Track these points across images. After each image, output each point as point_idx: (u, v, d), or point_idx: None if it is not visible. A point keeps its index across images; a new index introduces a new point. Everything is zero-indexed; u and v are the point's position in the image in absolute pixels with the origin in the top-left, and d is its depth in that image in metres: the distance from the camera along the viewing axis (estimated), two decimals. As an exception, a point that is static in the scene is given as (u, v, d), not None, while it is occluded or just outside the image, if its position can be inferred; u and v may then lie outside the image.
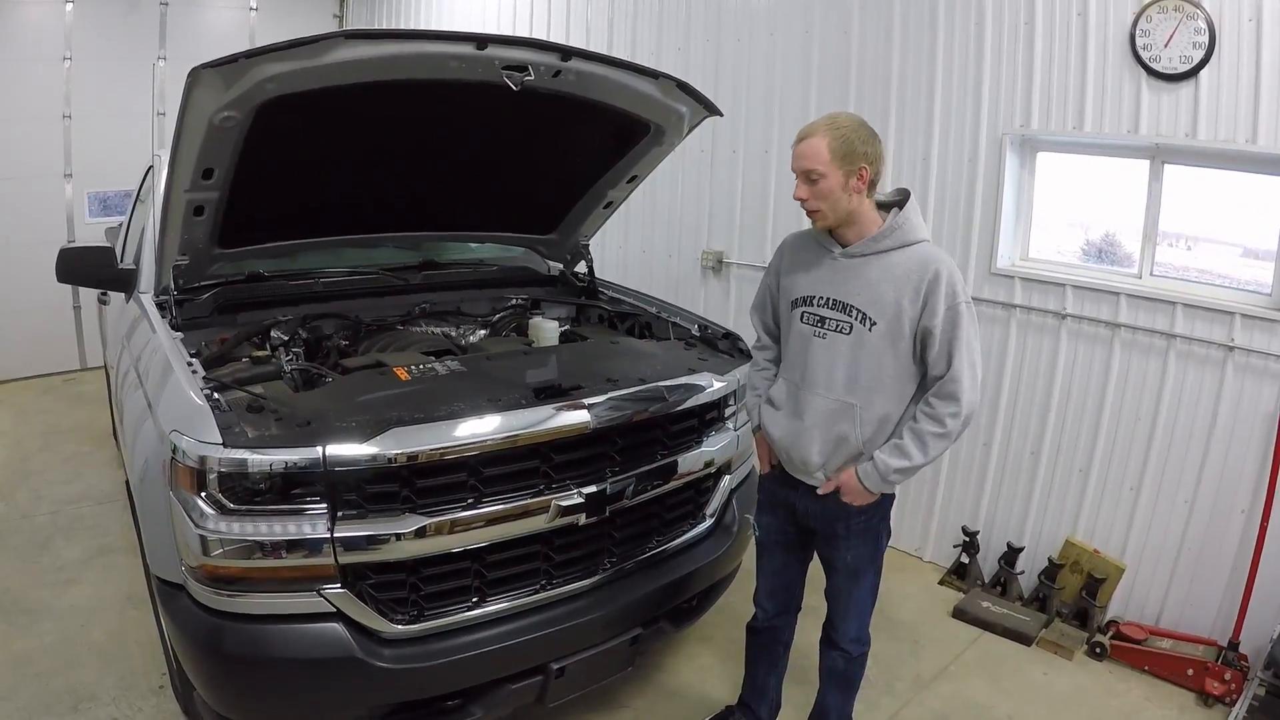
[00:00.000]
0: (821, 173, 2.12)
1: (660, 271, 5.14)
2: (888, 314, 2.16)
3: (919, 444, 2.17)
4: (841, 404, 2.23)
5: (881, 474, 2.20)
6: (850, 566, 2.38)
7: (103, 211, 6.32)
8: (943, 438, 2.16)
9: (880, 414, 2.22)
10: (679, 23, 4.87)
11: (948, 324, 2.13)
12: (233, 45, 2.48)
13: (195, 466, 2.00)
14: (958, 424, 2.14)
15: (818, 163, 2.12)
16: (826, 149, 2.12)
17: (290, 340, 2.89)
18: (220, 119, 2.38)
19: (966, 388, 2.13)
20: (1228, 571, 3.23)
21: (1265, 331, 3.07)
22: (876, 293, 2.18)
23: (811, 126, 2.17)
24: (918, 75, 3.84)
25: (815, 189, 2.15)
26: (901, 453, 2.18)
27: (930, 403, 2.17)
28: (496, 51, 2.56)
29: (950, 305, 2.13)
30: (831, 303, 2.24)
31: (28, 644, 3.12)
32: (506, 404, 2.32)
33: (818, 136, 2.14)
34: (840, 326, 2.22)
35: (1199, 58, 3.05)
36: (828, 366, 2.24)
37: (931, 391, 2.17)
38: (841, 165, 2.12)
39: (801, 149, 2.15)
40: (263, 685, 2.15)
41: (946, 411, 2.14)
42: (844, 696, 2.57)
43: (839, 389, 2.23)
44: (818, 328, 2.26)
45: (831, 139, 2.13)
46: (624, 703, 2.97)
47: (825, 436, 2.26)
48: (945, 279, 2.13)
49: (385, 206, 3.31)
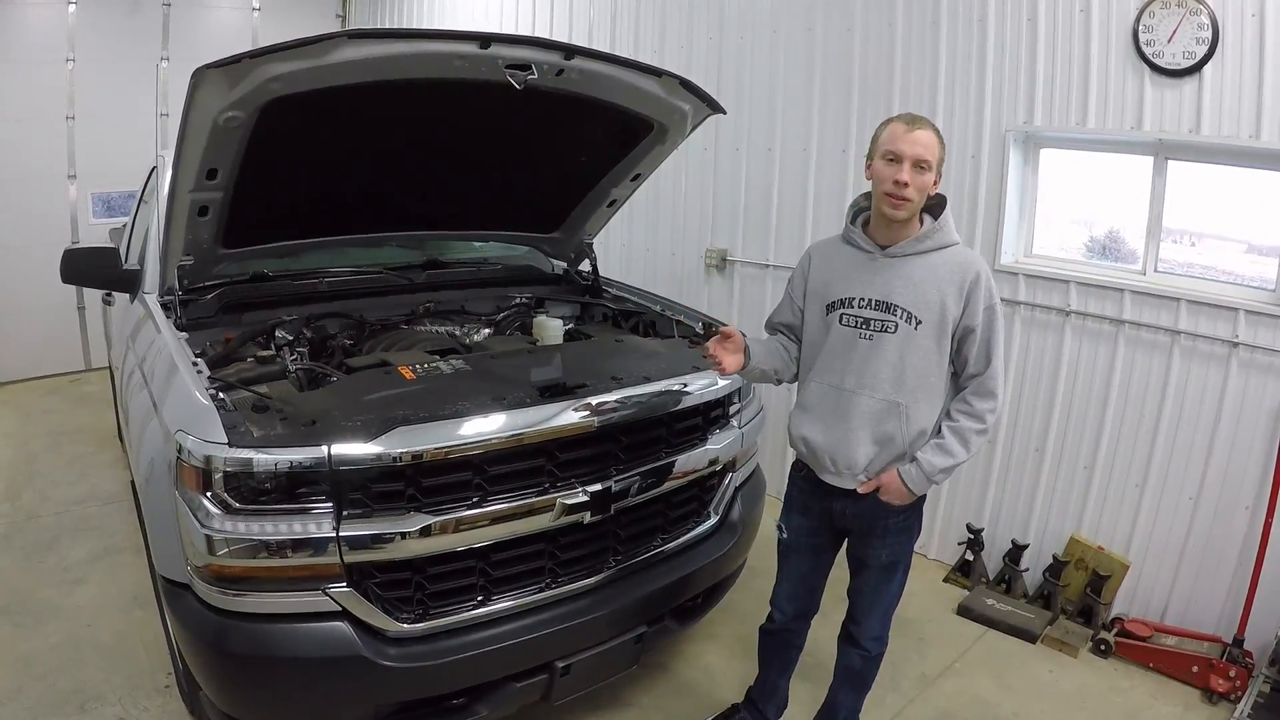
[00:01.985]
0: (931, 165, 2.14)
1: (664, 270, 5.14)
2: (933, 313, 2.19)
3: (962, 441, 2.22)
4: (889, 404, 2.23)
5: (927, 474, 2.23)
6: (885, 564, 2.40)
7: (107, 212, 6.34)
8: (982, 434, 2.23)
9: (925, 411, 2.24)
10: (682, 21, 4.87)
11: (987, 323, 2.19)
12: (236, 46, 2.49)
13: (201, 466, 2.01)
14: (994, 420, 2.23)
15: (932, 155, 2.14)
16: (937, 146, 2.16)
17: (295, 340, 2.90)
18: (224, 119, 2.38)
19: (1000, 385, 2.23)
20: (1232, 568, 3.22)
21: (1270, 328, 3.06)
22: (920, 292, 2.20)
23: (920, 118, 2.19)
24: (920, 72, 3.83)
25: (921, 179, 2.14)
26: (945, 452, 2.22)
27: (968, 400, 2.23)
28: (500, 50, 2.56)
29: (989, 305, 2.19)
30: (875, 303, 2.24)
31: (34, 644, 3.13)
32: (511, 403, 2.32)
33: (931, 131, 2.16)
34: (886, 326, 2.22)
35: (1202, 53, 3.04)
36: (875, 367, 2.24)
37: (969, 390, 2.23)
38: (938, 166, 2.17)
39: (920, 136, 2.14)
40: (268, 684, 2.16)
41: (986, 408, 2.22)
42: (856, 695, 2.58)
43: (886, 389, 2.23)
44: (862, 329, 2.25)
45: (939, 139, 2.18)
46: (629, 701, 2.97)
47: (872, 438, 2.26)
48: (985, 280, 2.19)
49: (389, 206, 3.31)
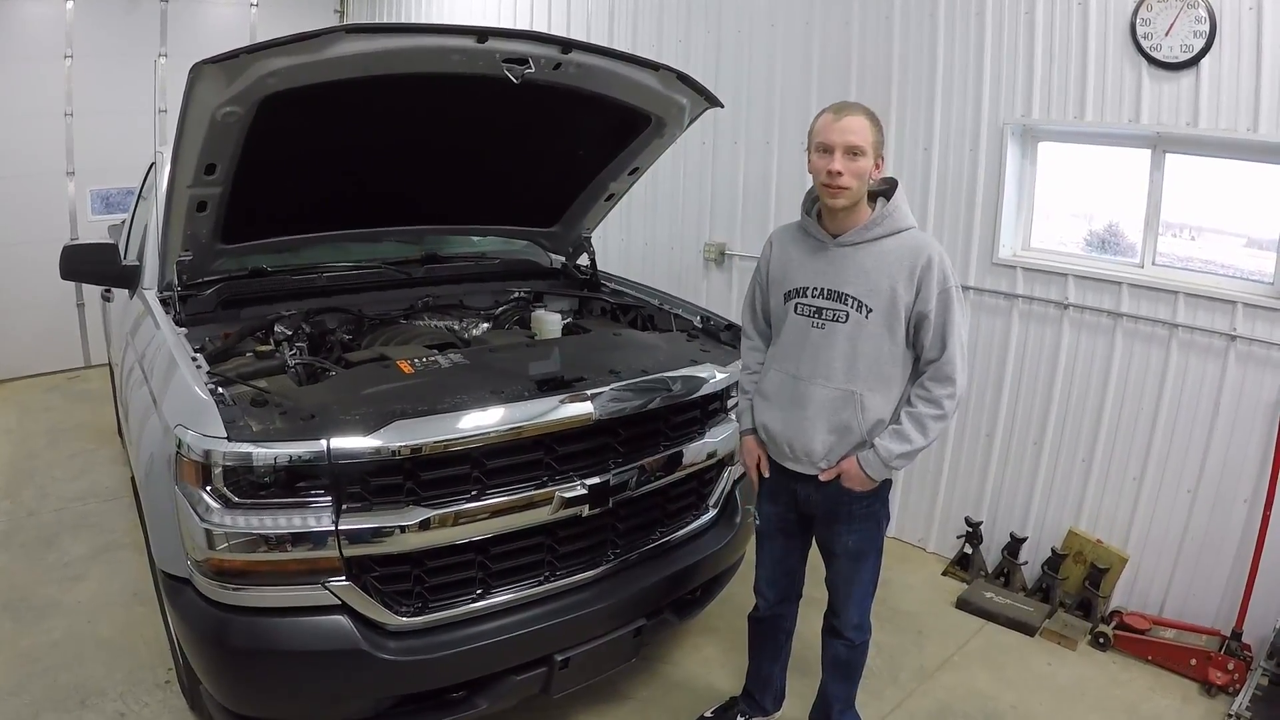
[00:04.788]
0: (864, 150, 2.13)
1: (662, 264, 5.14)
2: (883, 301, 2.19)
3: (919, 427, 2.21)
4: (843, 393, 2.24)
5: (884, 459, 2.23)
6: (852, 551, 2.40)
7: (105, 209, 6.33)
8: (940, 419, 2.21)
9: (879, 400, 2.24)
10: (680, 15, 4.86)
11: (941, 308, 2.17)
12: (234, 41, 2.48)
13: (200, 461, 2.01)
14: (953, 405, 2.21)
15: (863, 139, 2.13)
16: (869, 129, 2.15)
17: (294, 335, 2.89)
18: (222, 114, 2.38)
19: (960, 369, 2.19)
20: (1230, 561, 3.23)
21: (1267, 320, 3.07)
22: (871, 280, 2.20)
23: (849, 105, 2.19)
24: (918, 65, 3.83)
25: (855, 165, 2.14)
26: (902, 437, 2.22)
27: (926, 386, 2.22)
28: (497, 44, 2.55)
29: (943, 290, 2.17)
30: (826, 293, 2.25)
31: (35, 640, 3.14)
32: (510, 396, 2.33)
33: (860, 116, 2.15)
34: (837, 316, 2.23)
35: (1200, 46, 3.04)
36: (827, 356, 2.25)
37: (926, 375, 2.22)
38: (874, 149, 2.16)
39: (849, 123, 2.13)
40: (268, 678, 2.16)
41: (943, 394, 2.19)
42: (847, 685, 2.59)
43: (839, 378, 2.24)
44: (814, 318, 2.27)
45: (870, 121, 2.16)
46: (628, 694, 2.98)
47: (828, 426, 2.27)
48: (937, 264, 2.17)
49: (387, 200, 3.31)
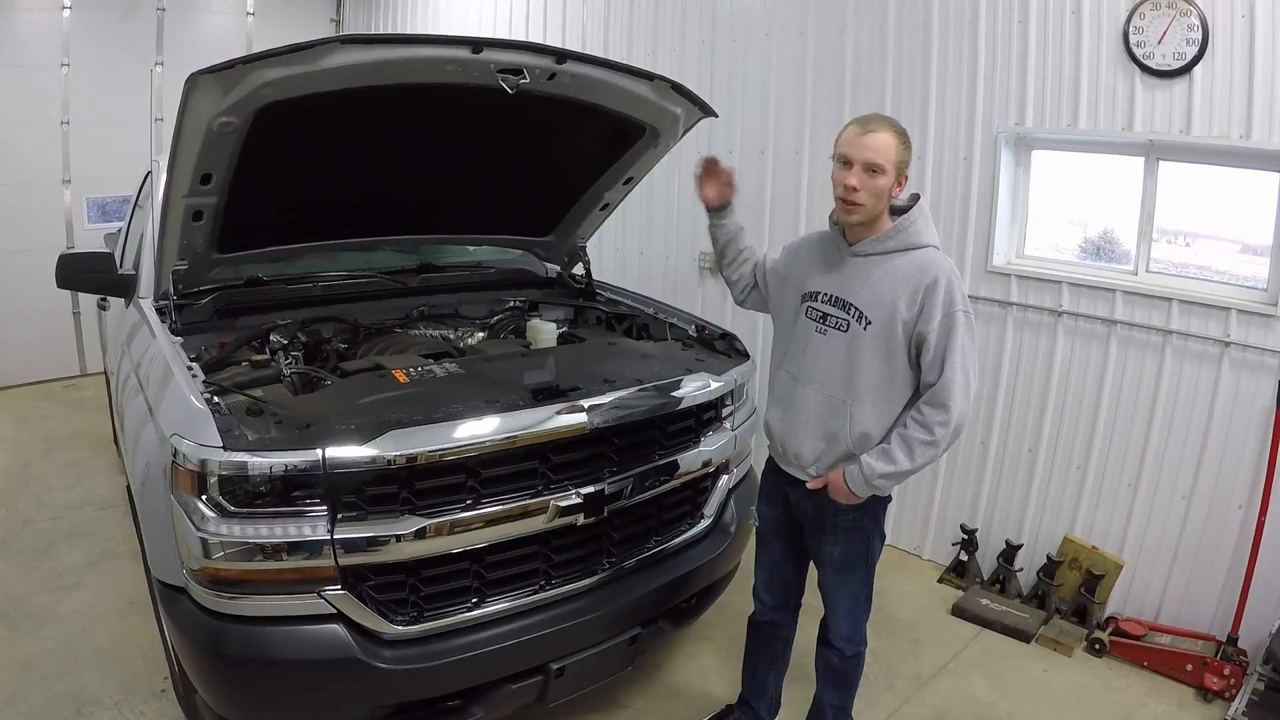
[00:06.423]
0: (884, 169, 2.10)
1: (657, 273, 5.14)
2: (883, 314, 2.16)
3: (906, 450, 2.14)
4: (835, 400, 2.24)
5: (866, 477, 2.18)
6: (838, 562, 2.38)
7: (102, 217, 6.33)
8: (930, 445, 2.13)
9: (870, 414, 2.21)
10: (674, 25, 4.87)
11: (943, 331, 2.11)
12: (230, 51, 2.49)
13: (196, 469, 2.01)
14: (946, 433, 2.11)
15: (885, 158, 2.09)
16: (895, 148, 2.11)
17: (289, 344, 2.90)
18: (218, 124, 2.39)
19: (958, 397, 2.09)
20: (1226, 566, 3.24)
21: (1261, 326, 3.08)
22: (876, 293, 2.18)
23: (877, 119, 2.15)
24: (912, 74, 3.85)
25: (873, 183, 2.10)
26: (888, 458, 2.16)
27: (921, 409, 2.15)
28: (491, 55, 2.56)
29: (947, 313, 2.11)
30: (834, 300, 2.25)
31: (30, 649, 3.13)
32: (505, 405, 2.33)
33: (887, 133, 2.11)
34: (839, 324, 2.23)
35: (1192, 54, 3.06)
36: (825, 362, 2.25)
37: (924, 399, 2.15)
38: (897, 169, 2.12)
39: (872, 140, 2.09)
40: (264, 687, 2.16)
41: (936, 419, 2.11)
42: (840, 694, 2.57)
43: (834, 385, 2.24)
44: (819, 324, 2.27)
45: (898, 139, 2.12)
46: (624, 702, 2.98)
47: (818, 431, 2.27)
48: (944, 286, 2.11)
49: (383, 210, 3.32)
